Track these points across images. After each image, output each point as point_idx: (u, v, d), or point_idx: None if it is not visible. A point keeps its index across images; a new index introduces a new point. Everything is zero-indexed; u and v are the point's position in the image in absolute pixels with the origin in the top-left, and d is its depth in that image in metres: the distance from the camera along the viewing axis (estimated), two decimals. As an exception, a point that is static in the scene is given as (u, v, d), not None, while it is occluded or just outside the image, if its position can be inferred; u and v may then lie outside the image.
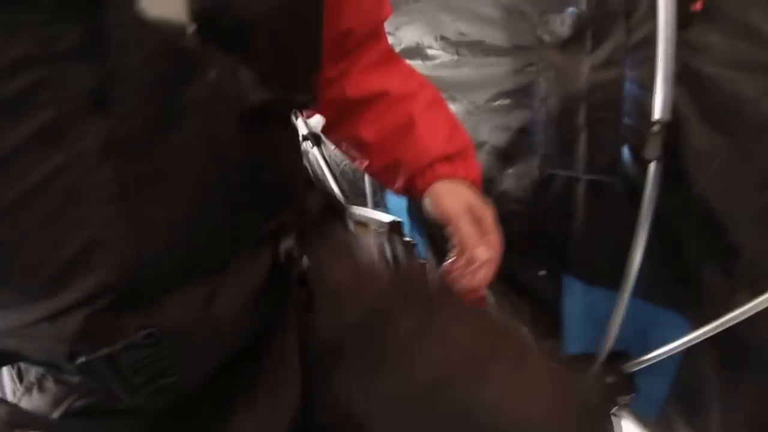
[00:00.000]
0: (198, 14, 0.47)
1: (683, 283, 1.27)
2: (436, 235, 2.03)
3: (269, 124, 0.60)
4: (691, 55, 1.14)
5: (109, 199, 0.46)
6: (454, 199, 0.88)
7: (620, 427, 1.49)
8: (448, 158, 0.90)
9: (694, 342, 1.26)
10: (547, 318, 1.65)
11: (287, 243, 0.65)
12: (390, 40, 1.89)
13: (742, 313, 1.15)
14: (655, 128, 1.18)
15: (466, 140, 0.96)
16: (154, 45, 0.44)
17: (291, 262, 0.65)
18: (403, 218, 2.19)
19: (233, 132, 0.53)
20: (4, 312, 0.50)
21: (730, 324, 1.18)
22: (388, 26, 1.87)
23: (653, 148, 1.20)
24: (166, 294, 0.53)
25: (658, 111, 1.18)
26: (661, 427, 1.45)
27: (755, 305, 1.12)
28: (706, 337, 1.24)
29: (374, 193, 2.35)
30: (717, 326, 1.20)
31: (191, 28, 0.47)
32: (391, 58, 1.00)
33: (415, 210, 2.13)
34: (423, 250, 2.12)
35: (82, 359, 0.51)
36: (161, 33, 0.44)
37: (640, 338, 1.41)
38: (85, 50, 0.42)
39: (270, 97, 0.56)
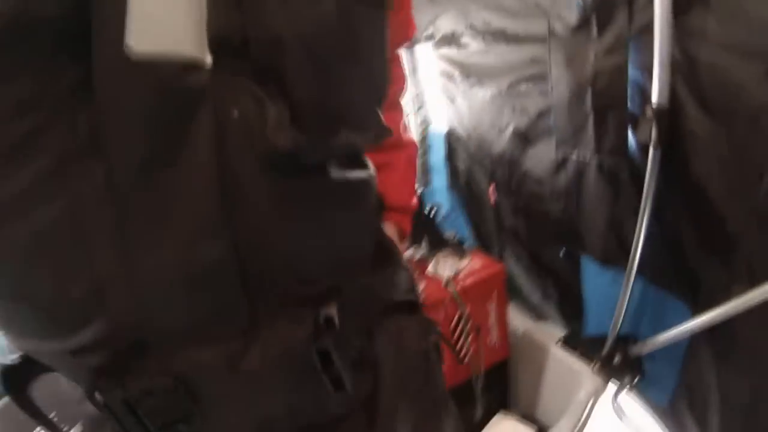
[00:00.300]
0: (216, 39, 0.42)
1: (684, 271, 1.24)
2: (477, 216, 2.08)
3: (306, 173, 0.51)
4: (689, 41, 1.10)
5: (109, 242, 0.43)
6: None
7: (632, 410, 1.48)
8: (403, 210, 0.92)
9: (692, 331, 1.23)
10: (571, 299, 1.65)
11: (328, 310, 0.56)
12: (430, 30, 1.96)
13: (738, 305, 1.11)
14: (648, 113, 1.15)
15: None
16: (144, 85, 0.40)
17: (332, 331, 0.56)
18: (444, 198, 2.26)
19: (253, 178, 0.46)
20: (38, 341, 0.49)
21: (727, 315, 1.14)
22: (427, 16, 1.94)
23: (645, 133, 1.17)
24: (187, 344, 0.50)
25: (654, 96, 1.15)
26: (672, 414, 1.42)
27: (751, 297, 1.08)
28: (703, 327, 1.21)
29: (423, 174, 2.42)
30: (714, 317, 1.17)
31: (207, 58, 0.42)
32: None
33: (458, 192, 2.18)
34: (466, 231, 2.17)
35: (100, 397, 0.49)
36: (153, 72, 0.40)
37: (648, 323, 1.39)
38: (80, 92, 0.40)
39: (302, 140, 0.48)
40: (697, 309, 1.22)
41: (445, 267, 1.81)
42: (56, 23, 0.38)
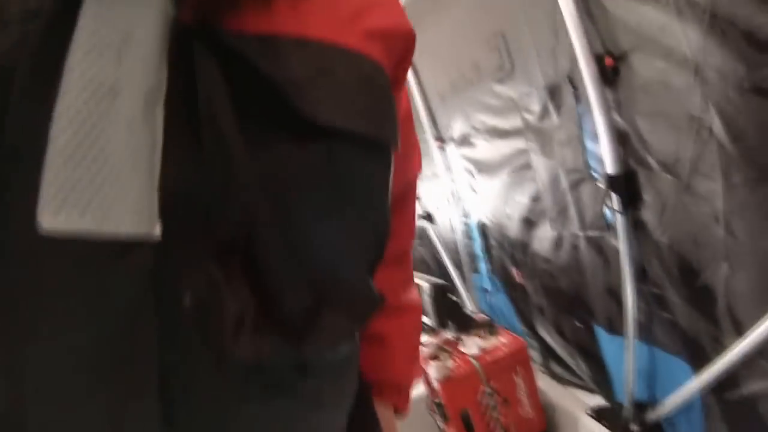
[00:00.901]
0: (168, 201, 0.33)
1: (678, 330, 1.17)
2: (514, 297, 2.08)
3: (277, 389, 0.41)
4: (624, 111, 1.15)
5: None
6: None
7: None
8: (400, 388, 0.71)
9: (698, 390, 1.14)
10: (597, 368, 1.57)
11: None
12: (449, 131, 2.13)
13: (732, 358, 1.04)
14: (600, 183, 1.18)
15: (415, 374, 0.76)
16: (62, 270, 0.30)
17: None
18: (488, 283, 2.28)
19: (207, 383, 0.37)
20: None
21: (725, 370, 1.06)
22: (444, 120, 2.12)
23: (609, 202, 1.20)
24: None
25: (607, 166, 1.19)
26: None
27: (741, 348, 1.01)
28: (707, 385, 1.11)
29: (471, 261, 2.47)
30: (713, 373, 1.09)
31: (154, 231, 0.32)
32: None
33: (497, 276, 2.20)
34: (510, 312, 2.16)
35: None
36: (74, 254, 0.30)
37: (661, 386, 1.29)
38: None
39: (267, 350, 0.38)
40: (697, 367, 1.14)
41: (472, 345, 1.84)
42: None
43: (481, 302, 2.38)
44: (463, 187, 2.30)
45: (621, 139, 1.16)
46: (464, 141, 2.04)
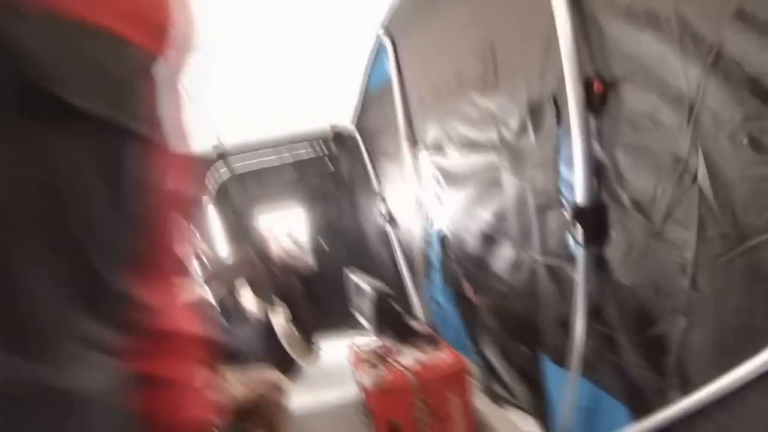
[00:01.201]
0: None
1: (623, 374, 1.11)
2: (465, 313, 1.99)
3: None
4: (605, 142, 1.07)
5: None
6: None
7: None
8: None
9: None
10: (537, 397, 1.50)
11: None
12: (424, 136, 2.04)
13: (673, 413, 0.97)
14: (567, 214, 1.10)
15: None
16: None
17: None
18: (440, 294, 2.20)
19: None
20: None
21: (663, 423, 1.00)
22: (420, 123, 2.03)
23: (573, 232, 1.12)
24: None
25: (578, 196, 1.11)
26: None
27: (685, 405, 0.95)
28: (639, 433, 1.05)
29: (426, 269, 2.39)
30: (650, 425, 1.02)
31: None
32: None
33: (450, 289, 2.12)
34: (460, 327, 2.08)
35: None
36: None
37: (600, 427, 1.23)
38: None
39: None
40: (637, 415, 1.08)
41: (409, 357, 1.76)
42: None
43: (431, 312, 2.30)
44: (429, 195, 2.21)
45: (597, 170, 1.08)
46: (437, 148, 1.94)
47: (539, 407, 1.53)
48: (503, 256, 1.52)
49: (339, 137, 3.58)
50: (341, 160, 3.89)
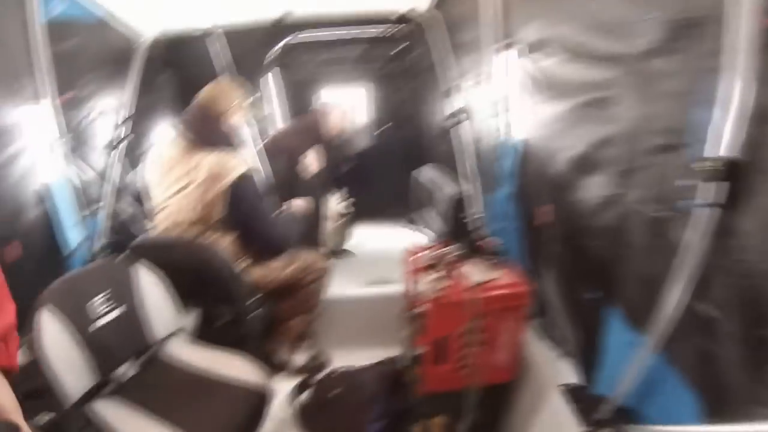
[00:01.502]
0: None
1: (713, 368, 0.96)
2: (529, 232, 1.86)
3: None
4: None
5: None
6: None
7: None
8: None
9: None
10: (590, 348, 1.41)
11: None
12: (518, 34, 1.75)
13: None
14: (709, 164, 0.90)
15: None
16: None
17: None
18: (505, 207, 2.06)
19: None
20: None
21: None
22: (518, 19, 1.73)
23: (704, 187, 0.92)
24: None
25: (723, 146, 0.89)
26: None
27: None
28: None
29: (493, 178, 2.22)
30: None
31: None
32: None
33: (519, 204, 1.96)
34: (516, 243, 1.96)
35: None
36: None
37: (656, 407, 1.14)
38: None
39: None
40: (712, 415, 0.96)
41: (474, 273, 1.66)
42: None
43: (491, 226, 2.16)
44: (513, 100, 1.96)
45: (759, 119, 0.84)
46: (537, 49, 1.67)
47: (587, 359, 1.44)
48: (594, 189, 1.34)
49: (414, 21, 3.20)
50: (413, 46, 3.55)
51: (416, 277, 1.76)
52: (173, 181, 2.01)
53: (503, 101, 2.09)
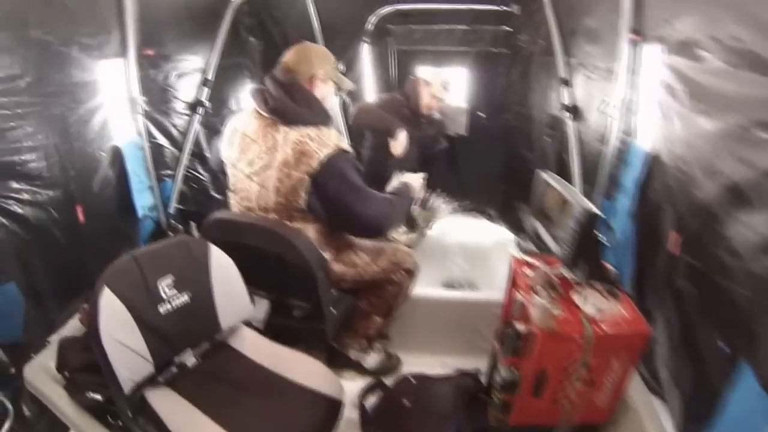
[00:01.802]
0: None
1: None
2: (647, 258, 1.64)
3: None
4: None
5: None
6: None
7: None
8: None
9: None
10: (705, 403, 1.21)
11: None
12: (666, 29, 1.51)
13: None
14: None
15: None
16: None
17: None
18: (621, 224, 1.84)
19: None
20: None
21: None
22: (664, 12, 1.50)
23: None
24: None
25: None
26: None
27: None
28: None
29: (609, 186, 2.00)
30: None
31: None
32: None
33: (639, 223, 1.74)
34: (627, 268, 1.75)
35: None
36: None
37: None
38: None
39: None
40: None
41: (589, 301, 1.48)
42: None
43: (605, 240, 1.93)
44: (647, 102, 1.72)
45: None
46: (685, 49, 1.42)
47: (697, 412, 1.24)
48: (752, 226, 1.12)
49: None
50: (523, 29, 3.26)
51: (522, 292, 1.61)
52: (251, 160, 1.74)
53: (630, 102, 1.85)
